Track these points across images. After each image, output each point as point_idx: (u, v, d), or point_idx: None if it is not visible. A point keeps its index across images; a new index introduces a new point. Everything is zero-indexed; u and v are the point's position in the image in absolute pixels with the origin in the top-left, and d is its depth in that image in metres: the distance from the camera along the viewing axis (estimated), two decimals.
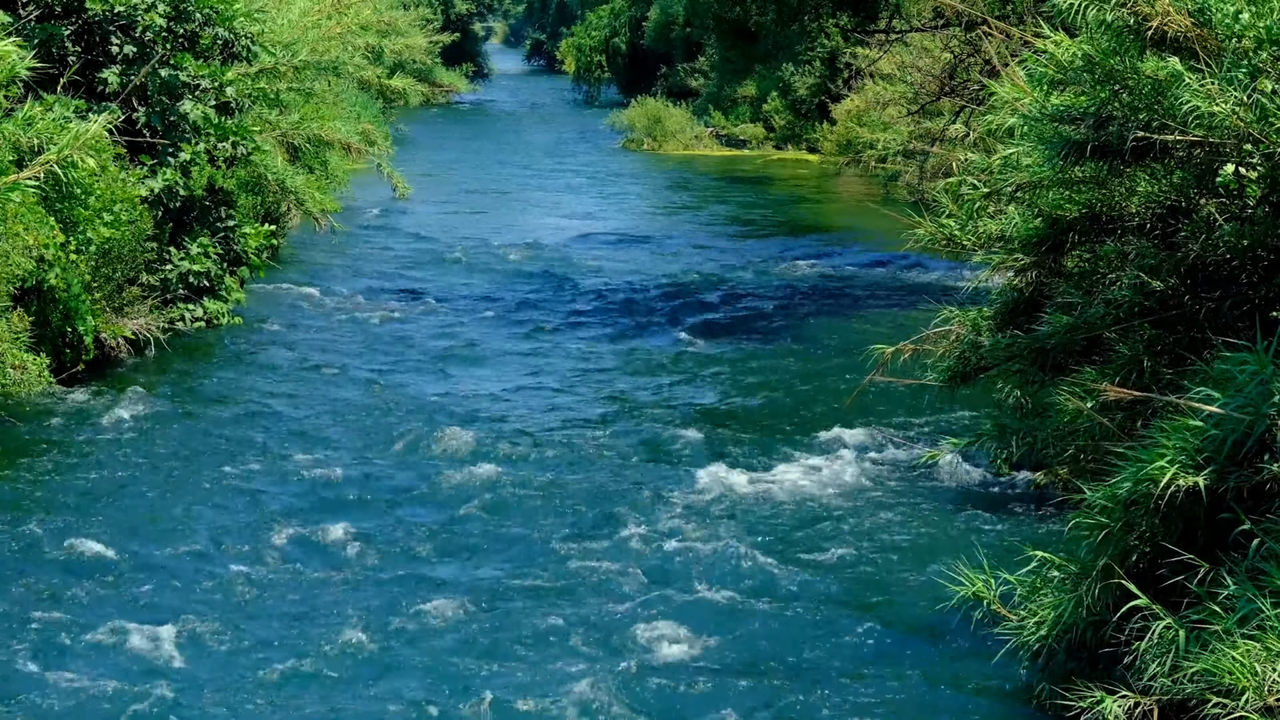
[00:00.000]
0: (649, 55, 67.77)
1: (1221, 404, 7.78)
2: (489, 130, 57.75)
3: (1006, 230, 11.27)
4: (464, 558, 11.87)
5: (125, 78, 18.22)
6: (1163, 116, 8.68)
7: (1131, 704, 7.74)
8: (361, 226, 30.36)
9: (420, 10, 59.66)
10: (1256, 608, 7.32)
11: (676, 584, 11.20)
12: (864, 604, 10.88)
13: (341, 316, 21.55)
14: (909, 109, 26.30)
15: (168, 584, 11.13)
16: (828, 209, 35.83)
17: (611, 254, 28.16)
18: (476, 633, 10.35)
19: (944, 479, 13.65)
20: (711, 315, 22.23)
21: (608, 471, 14.01)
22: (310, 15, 25.58)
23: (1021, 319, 11.28)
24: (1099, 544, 8.24)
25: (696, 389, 17.82)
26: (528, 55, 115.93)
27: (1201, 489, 7.74)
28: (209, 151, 19.10)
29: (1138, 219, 10.17)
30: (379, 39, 39.65)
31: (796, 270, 26.24)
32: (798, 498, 13.23)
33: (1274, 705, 6.98)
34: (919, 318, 15.84)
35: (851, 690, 9.54)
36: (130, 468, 13.85)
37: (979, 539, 11.64)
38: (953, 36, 23.54)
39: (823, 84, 44.29)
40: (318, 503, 13.13)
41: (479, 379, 18.08)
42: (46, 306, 15.92)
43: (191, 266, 19.25)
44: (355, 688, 9.53)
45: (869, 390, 13.97)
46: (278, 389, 17.16)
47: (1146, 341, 9.79)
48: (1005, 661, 9.08)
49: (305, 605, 10.85)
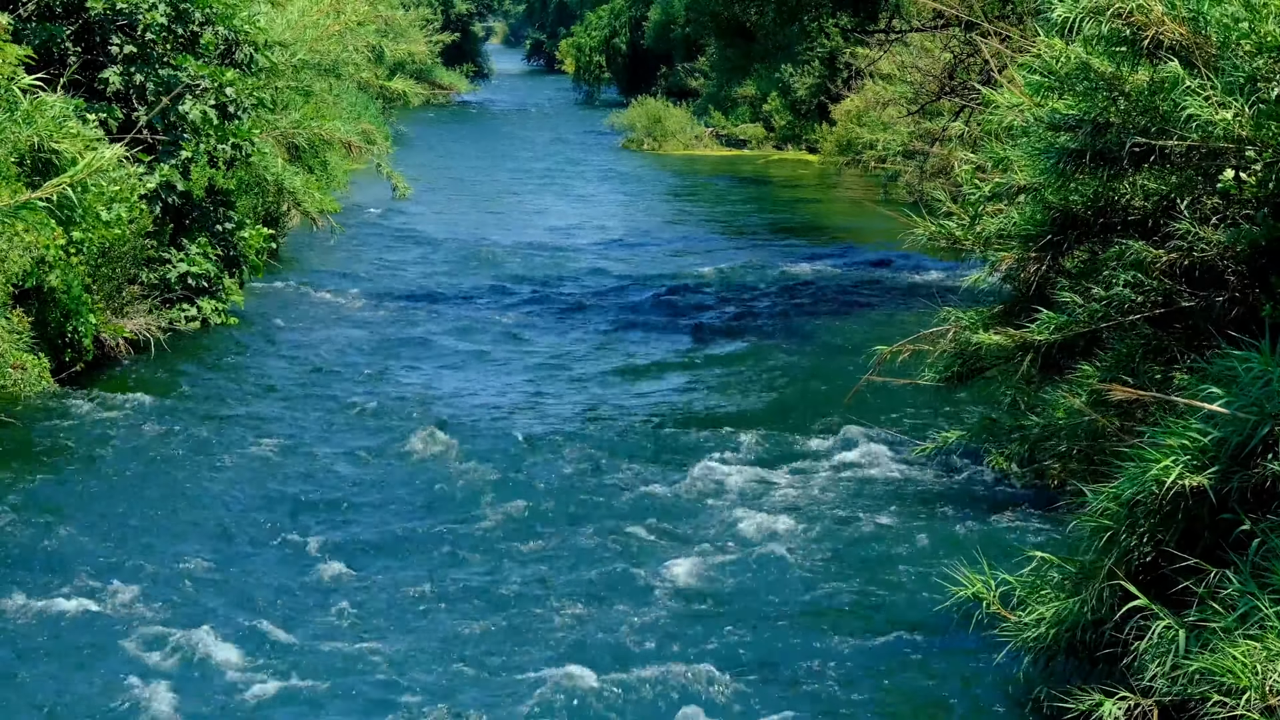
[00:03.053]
0: (649, 55, 67.78)
1: (1225, 403, 7.77)
2: (489, 130, 57.75)
3: (1006, 228, 11.27)
4: (465, 558, 11.85)
5: (125, 78, 18.22)
6: (1161, 122, 8.68)
7: (1131, 705, 7.73)
8: (361, 226, 30.35)
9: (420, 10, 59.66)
10: (1257, 606, 7.30)
11: (674, 584, 11.18)
12: (863, 604, 10.87)
13: (341, 316, 21.54)
14: (909, 109, 26.29)
15: (167, 584, 11.11)
16: (828, 209, 35.82)
17: (611, 254, 28.16)
18: (476, 633, 10.33)
19: (943, 479, 13.64)
20: (710, 315, 22.22)
21: (606, 471, 13.99)
22: (310, 14, 25.57)
23: (1019, 318, 11.28)
24: (1101, 545, 8.22)
25: (695, 388, 17.81)
26: (528, 55, 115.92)
27: (1207, 489, 7.73)
28: (209, 153, 19.10)
29: (1139, 213, 10.17)
30: (378, 38, 39.63)
31: (796, 270, 26.23)
32: (796, 497, 13.22)
33: (1275, 705, 6.97)
34: (918, 318, 15.85)
35: (851, 690, 9.52)
36: (129, 468, 13.84)
37: (978, 539, 11.62)
38: (953, 36, 23.52)
39: (822, 84, 44.27)
40: (318, 503, 13.12)
41: (478, 378, 18.07)
42: (46, 306, 15.91)
43: (190, 268, 19.26)
44: (355, 687, 9.52)
45: (868, 390, 13.96)
46: (277, 389, 17.15)
47: (1143, 340, 9.80)
48: (1005, 662, 9.06)
49: (305, 605, 10.83)
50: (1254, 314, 9.01)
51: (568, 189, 38.89)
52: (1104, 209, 10.28)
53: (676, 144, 49.72)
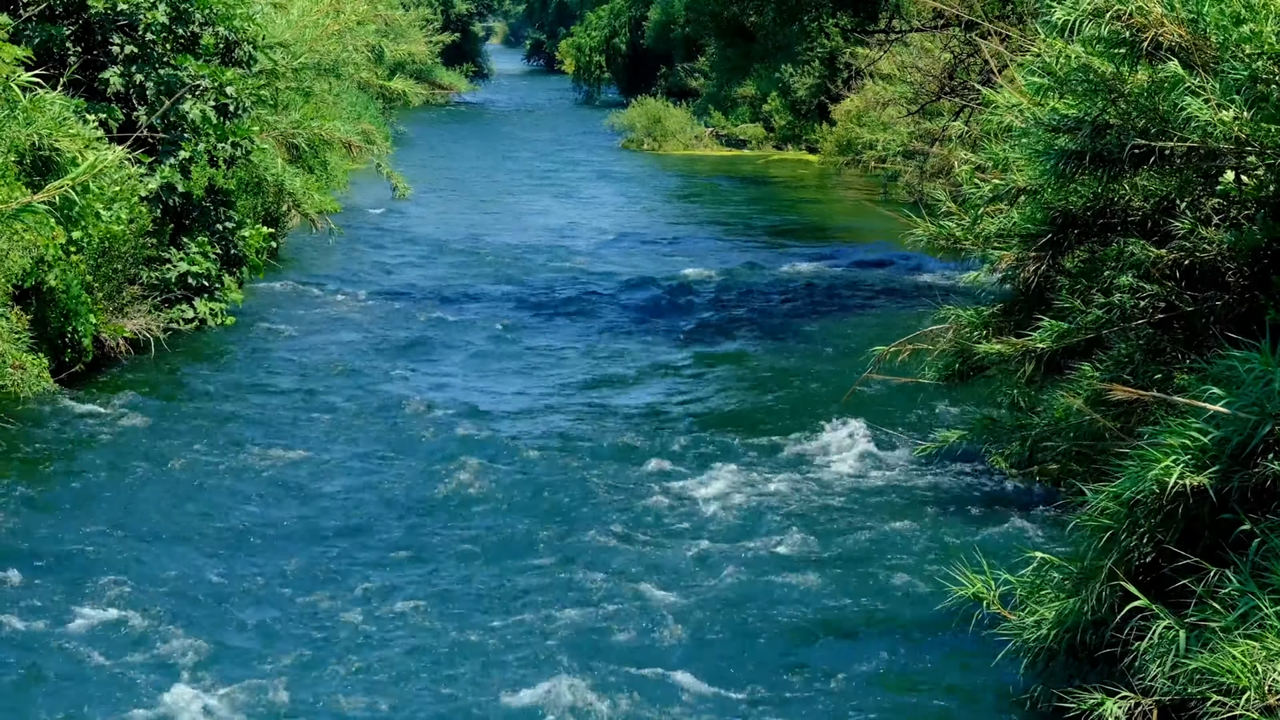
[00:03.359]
0: (649, 55, 67.79)
1: (1226, 403, 7.77)
2: (489, 130, 57.76)
3: (1006, 228, 11.27)
4: (464, 559, 11.85)
5: (125, 78, 18.22)
6: (1161, 123, 8.68)
7: (1132, 704, 7.73)
8: (361, 227, 30.35)
9: (420, 10, 59.67)
10: (1257, 606, 7.30)
11: (673, 584, 11.18)
12: (863, 604, 10.86)
13: (341, 316, 21.54)
14: (909, 109, 26.29)
15: (166, 584, 11.11)
16: (828, 209, 35.83)
17: (611, 254, 28.16)
18: (476, 634, 10.33)
19: (943, 479, 13.64)
20: (710, 315, 22.22)
21: (605, 471, 13.99)
22: (310, 14, 25.57)
23: (1019, 317, 11.28)
24: (1101, 545, 8.22)
25: (695, 388, 17.82)
26: (527, 55, 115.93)
27: (1208, 488, 7.73)
28: (209, 152, 19.10)
29: (1139, 214, 10.17)
30: (378, 38, 39.65)
31: (796, 270, 26.24)
32: (795, 497, 13.22)
33: (1275, 704, 6.97)
34: (918, 317, 15.84)
35: (850, 691, 9.52)
36: (129, 468, 13.84)
37: (978, 539, 11.62)
38: (953, 36, 23.52)
39: (822, 84, 44.28)
40: (317, 503, 13.13)
41: (478, 379, 18.08)
42: (46, 306, 15.91)
43: (190, 267, 19.26)
44: (353, 688, 9.52)
45: (868, 389, 13.97)
46: (277, 389, 17.16)
47: (1143, 341, 9.80)
48: (1005, 662, 9.06)
49: (304, 605, 10.83)
50: (1255, 314, 9.00)
51: (567, 189, 38.90)
52: (1103, 210, 10.28)
53: (676, 144, 49.73)
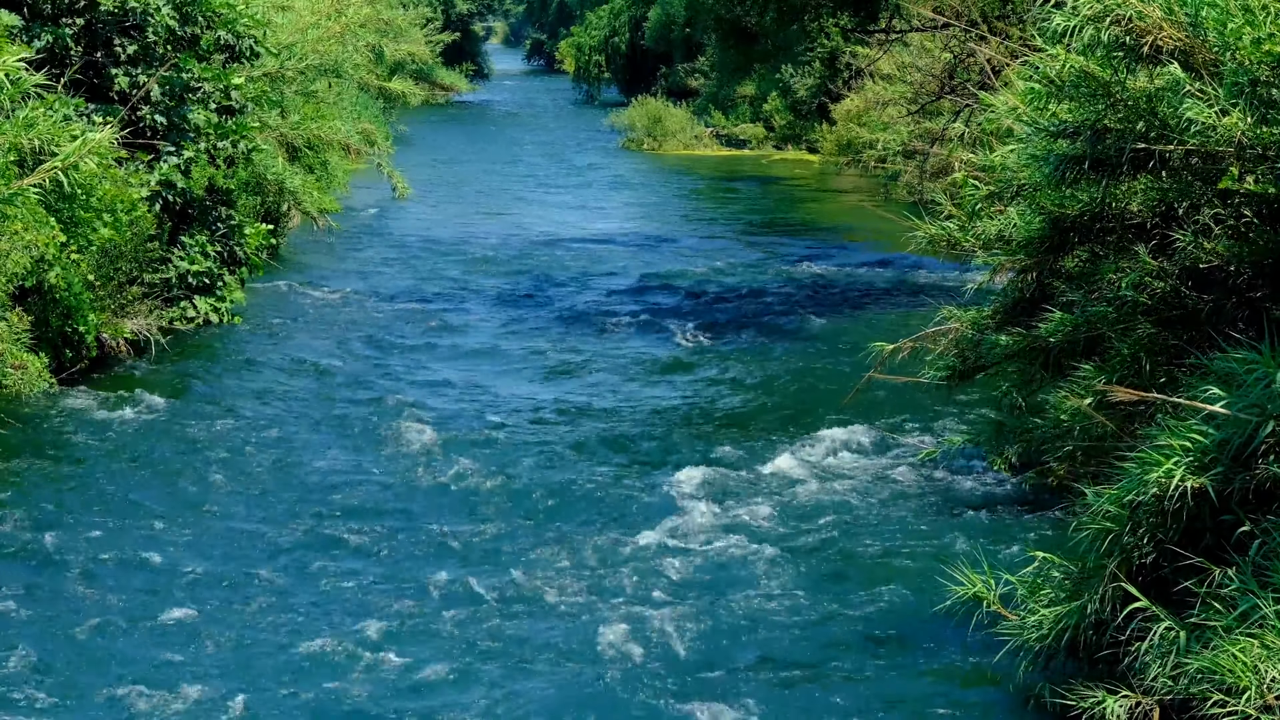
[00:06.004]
0: (649, 55, 67.81)
1: (1228, 404, 7.78)
2: (489, 130, 57.77)
3: (1006, 231, 11.28)
4: (464, 558, 11.87)
5: (130, 79, 18.23)
6: (1160, 127, 8.69)
7: (1133, 703, 7.75)
8: (361, 226, 30.37)
9: (420, 10, 59.63)
10: (1258, 605, 7.32)
11: (673, 584, 11.20)
12: (863, 604, 10.87)
13: (341, 316, 21.56)
14: (909, 109, 26.31)
15: (166, 584, 11.13)
16: (828, 209, 35.83)
17: (611, 254, 28.17)
18: (476, 634, 10.35)
19: (944, 478, 13.65)
20: (710, 315, 22.23)
21: (606, 471, 14.01)
22: (311, 15, 25.60)
23: (1021, 318, 11.30)
24: (1102, 546, 8.24)
25: (695, 388, 17.83)
26: (528, 55, 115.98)
27: (1209, 489, 7.74)
28: (209, 151, 19.11)
29: (1139, 217, 10.18)
30: (379, 39, 39.67)
31: (796, 270, 26.25)
32: (796, 497, 13.23)
33: (1274, 703, 6.99)
34: (919, 318, 15.86)
35: (850, 691, 9.54)
36: (130, 468, 13.86)
37: (979, 539, 11.63)
38: (953, 36, 23.54)
39: (822, 84, 44.29)
40: (316, 503, 13.13)
41: (478, 378, 18.08)
42: (47, 306, 15.92)
43: (191, 266, 19.27)
44: (350, 688, 9.54)
45: (870, 389, 13.98)
46: (277, 388, 17.17)
47: (1145, 340, 9.81)
48: (1006, 662, 9.08)
49: (304, 604, 10.84)
50: (1256, 315, 9.02)
51: (567, 189, 38.91)
52: (1102, 214, 10.30)
53: (676, 144, 49.73)
